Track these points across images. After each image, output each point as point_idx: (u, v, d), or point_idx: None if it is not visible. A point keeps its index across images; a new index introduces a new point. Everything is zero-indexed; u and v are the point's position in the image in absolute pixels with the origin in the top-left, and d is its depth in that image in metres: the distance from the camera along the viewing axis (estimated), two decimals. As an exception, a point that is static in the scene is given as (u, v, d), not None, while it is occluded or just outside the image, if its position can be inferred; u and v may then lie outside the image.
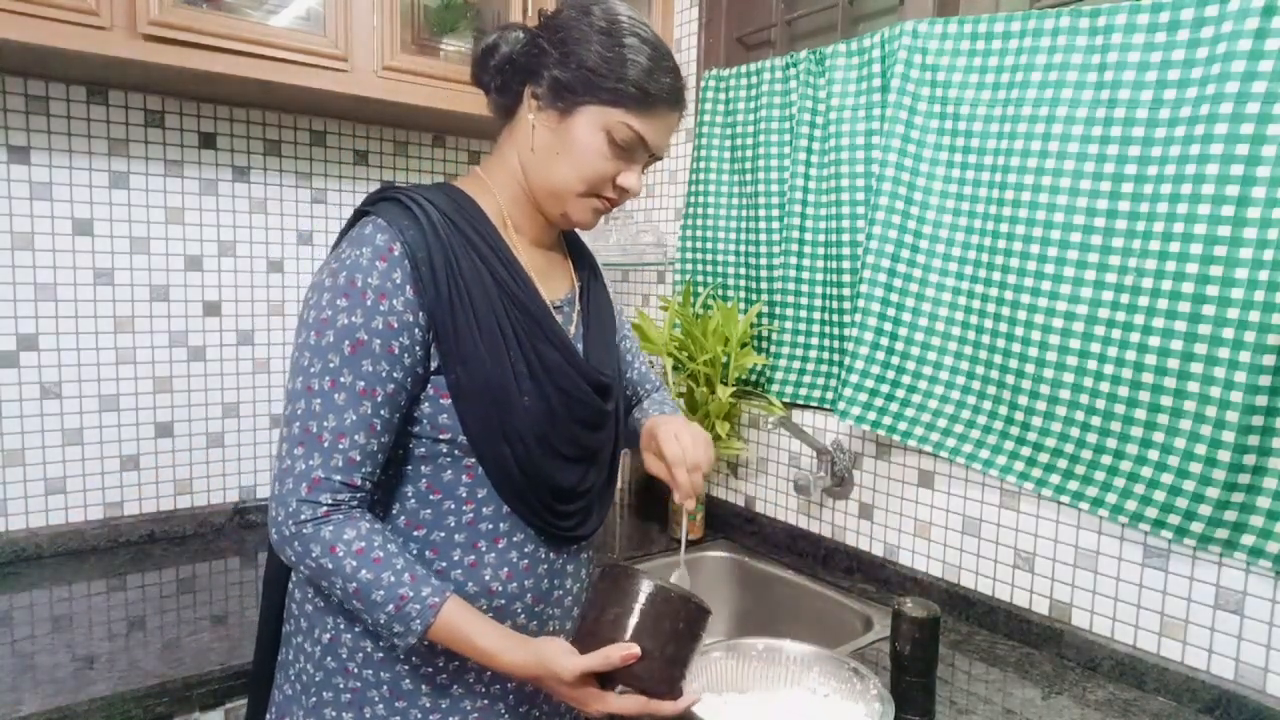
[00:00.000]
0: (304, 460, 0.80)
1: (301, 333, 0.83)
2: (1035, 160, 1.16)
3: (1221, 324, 0.99)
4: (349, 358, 0.80)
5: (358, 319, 0.80)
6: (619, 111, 0.86)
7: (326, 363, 0.80)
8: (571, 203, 0.90)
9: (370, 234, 0.82)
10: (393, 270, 0.81)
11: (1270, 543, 0.99)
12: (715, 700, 1.00)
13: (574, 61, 0.85)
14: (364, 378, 0.81)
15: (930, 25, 1.30)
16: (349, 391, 0.80)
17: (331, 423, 0.80)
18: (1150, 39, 1.06)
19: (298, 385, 0.81)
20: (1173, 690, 1.09)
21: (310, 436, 0.80)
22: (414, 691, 0.87)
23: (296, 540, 0.80)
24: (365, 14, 1.42)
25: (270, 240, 1.68)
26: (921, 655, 1.02)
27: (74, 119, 1.46)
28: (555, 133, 0.88)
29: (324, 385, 0.80)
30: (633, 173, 0.90)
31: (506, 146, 0.93)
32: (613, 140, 0.86)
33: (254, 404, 1.68)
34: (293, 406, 0.81)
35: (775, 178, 1.59)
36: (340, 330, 0.80)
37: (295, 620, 0.92)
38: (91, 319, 1.50)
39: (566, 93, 0.86)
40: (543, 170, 0.89)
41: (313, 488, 0.80)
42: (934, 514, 1.38)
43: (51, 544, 1.47)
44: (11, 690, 1.02)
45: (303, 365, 0.82)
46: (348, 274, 0.81)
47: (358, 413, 0.80)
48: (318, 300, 0.82)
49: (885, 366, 1.35)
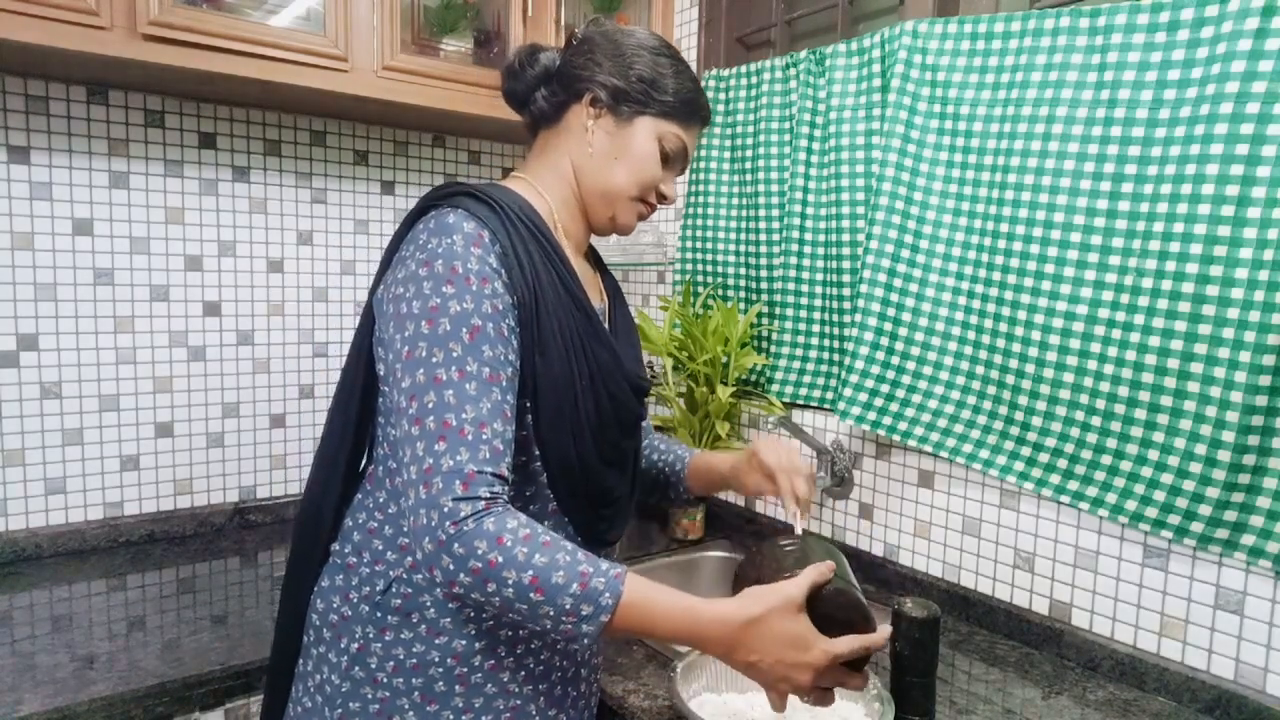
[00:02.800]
0: (449, 456, 0.75)
1: (406, 325, 0.79)
2: (1035, 160, 1.16)
3: (1221, 324, 0.99)
4: (469, 345, 0.78)
5: (469, 305, 0.79)
6: (672, 124, 0.93)
7: (449, 351, 0.77)
8: (621, 205, 0.94)
9: (456, 223, 0.81)
10: (487, 255, 0.81)
11: (1270, 543, 0.99)
12: (715, 700, 1.00)
13: (633, 74, 0.91)
14: (488, 363, 0.78)
15: (930, 25, 1.30)
16: (478, 380, 0.77)
17: (470, 413, 0.76)
18: (1150, 39, 1.06)
19: (419, 378, 0.77)
20: (1173, 690, 1.09)
21: (451, 430, 0.75)
22: (447, 693, 0.86)
23: (457, 542, 0.72)
24: (365, 14, 1.42)
25: (270, 240, 1.68)
26: (921, 655, 1.02)
27: (74, 119, 1.46)
28: (613, 138, 0.92)
29: (452, 375, 0.77)
30: (673, 181, 0.98)
31: (553, 151, 0.95)
32: (664, 149, 0.93)
33: (254, 404, 1.68)
34: (419, 402, 0.76)
35: (775, 178, 1.59)
36: (455, 317, 0.78)
37: (316, 630, 0.91)
38: (91, 319, 1.50)
39: (626, 101, 0.92)
40: (599, 173, 0.93)
41: (468, 484, 0.74)
42: (934, 514, 1.38)
43: (51, 544, 1.47)
44: (11, 690, 1.02)
45: (419, 358, 0.78)
46: (444, 261, 0.79)
47: (490, 400, 0.78)
48: (417, 291, 0.80)
49: (885, 366, 1.35)
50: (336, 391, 0.94)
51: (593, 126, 0.93)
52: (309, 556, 0.94)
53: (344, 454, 0.92)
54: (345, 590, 0.89)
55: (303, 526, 0.94)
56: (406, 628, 0.86)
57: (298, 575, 0.94)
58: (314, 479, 0.94)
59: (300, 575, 0.94)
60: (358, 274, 1.79)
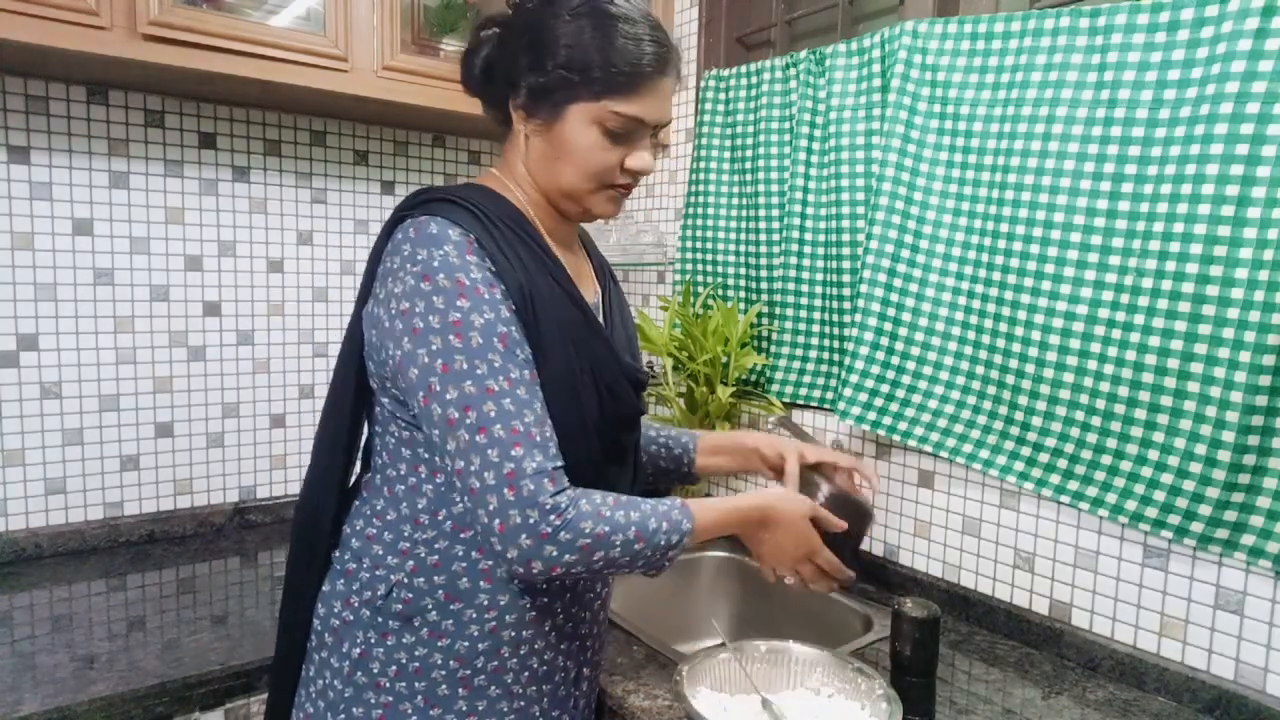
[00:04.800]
0: (529, 459, 0.78)
1: (431, 340, 0.79)
2: (1035, 160, 1.16)
3: (1221, 324, 0.99)
4: (505, 352, 0.79)
5: (489, 314, 0.79)
6: (605, 102, 0.83)
7: (490, 362, 0.78)
8: (586, 199, 0.89)
9: (441, 232, 0.80)
10: (483, 261, 0.81)
11: (1270, 543, 0.99)
12: (719, 700, 0.99)
13: (547, 62, 0.83)
14: (525, 365, 0.81)
15: (930, 25, 1.30)
16: (525, 384, 0.80)
17: (529, 416, 0.79)
18: (1150, 39, 1.06)
19: (468, 390, 0.78)
20: (1173, 690, 1.09)
21: (521, 435, 0.78)
22: (450, 697, 0.86)
23: (564, 530, 0.77)
24: (365, 14, 1.42)
25: (270, 240, 1.68)
26: (921, 655, 1.02)
27: (74, 119, 1.46)
28: (547, 138, 0.86)
29: (502, 384, 0.78)
30: (640, 153, 0.88)
31: (511, 155, 0.92)
32: (607, 131, 0.84)
33: (254, 404, 1.68)
34: (477, 411, 0.77)
35: (775, 178, 1.59)
36: (483, 329, 0.79)
37: (319, 636, 0.91)
38: (91, 319, 1.50)
39: (547, 98, 0.84)
40: (548, 175, 0.89)
41: (554, 480, 0.79)
42: (934, 514, 1.38)
43: (51, 544, 1.47)
44: (11, 690, 1.02)
45: (461, 370, 0.78)
46: (447, 274, 0.79)
47: (539, 399, 0.81)
48: (428, 305, 0.79)
49: (885, 366, 1.35)
50: (326, 404, 0.93)
51: (524, 130, 0.88)
52: (308, 565, 0.93)
53: (337, 465, 0.92)
54: (346, 595, 0.89)
55: (299, 538, 0.94)
56: (408, 632, 0.86)
57: (296, 583, 0.94)
58: (307, 493, 0.94)
59: (299, 583, 0.93)
60: (358, 274, 1.79)
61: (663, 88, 0.86)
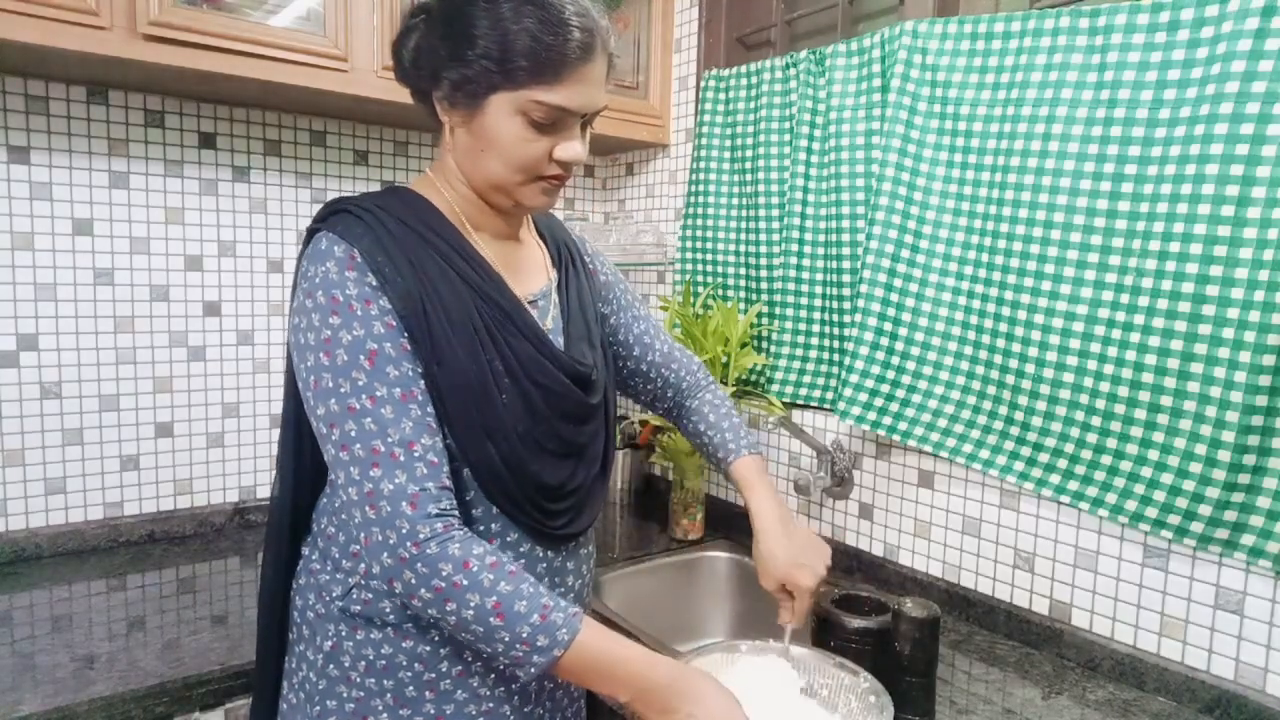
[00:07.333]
0: (388, 480, 0.77)
1: (307, 356, 0.80)
2: (1035, 160, 1.16)
3: (1221, 324, 0.99)
4: (371, 370, 0.78)
5: (359, 332, 0.79)
6: (525, 92, 0.79)
7: (354, 380, 0.78)
8: (516, 191, 0.87)
9: (327, 249, 0.81)
10: (364, 276, 0.80)
11: (1270, 543, 0.99)
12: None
13: (464, 53, 0.80)
14: (396, 383, 0.79)
15: (930, 25, 1.30)
16: (391, 402, 0.78)
17: (393, 435, 0.78)
18: (1150, 39, 1.06)
19: (333, 408, 0.78)
20: (1173, 690, 1.09)
21: (381, 455, 0.77)
22: (417, 699, 0.86)
23: (420, 561, 0.75)
24: (365, 14, 1.42)
25: (270, 240, 1.67)
26: (921, 655, 1.02)
27: (74, 119, 1.46)
28: (471, 132, 0.84)
29: (364, 402, 0.78)
30: (569, 142, 0.84)
31: (442, 149, 0.91)
32: (531, 122, 0.81)
33: (254, 404, 1.68)
34: (340, 430, 0.78)
35: (775, 178, 1.59)
36: (349, 346, 0.79)
37: (298, 628, 0.92)
38: (91, 319, 1.50)
39: (466, 90, 0.82)
40: (475, 169, 0.87)
41: (415, 503, 0.76)
42: (934, 514, 1.38)
43: (51, 544, 1.47)
44: (11, 690, 1.02)
45: (327, 388, 0.79)
46: (324, 292, 0.80)
47: (410, 418, 0.79)
48: (308, 323, 0.80)
49: (885, 366, 1.35)
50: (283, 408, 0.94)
51: (449, 123, 0.86)
52: (277, 560, 0.95)
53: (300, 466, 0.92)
54: (318, 589, 0.90)
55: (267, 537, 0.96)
56: (374, 628, 0.86)
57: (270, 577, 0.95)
58: (273, 495, 0.95)
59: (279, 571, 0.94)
60: (358, 274, 1.78)
61: (589, 74, 0.82)
